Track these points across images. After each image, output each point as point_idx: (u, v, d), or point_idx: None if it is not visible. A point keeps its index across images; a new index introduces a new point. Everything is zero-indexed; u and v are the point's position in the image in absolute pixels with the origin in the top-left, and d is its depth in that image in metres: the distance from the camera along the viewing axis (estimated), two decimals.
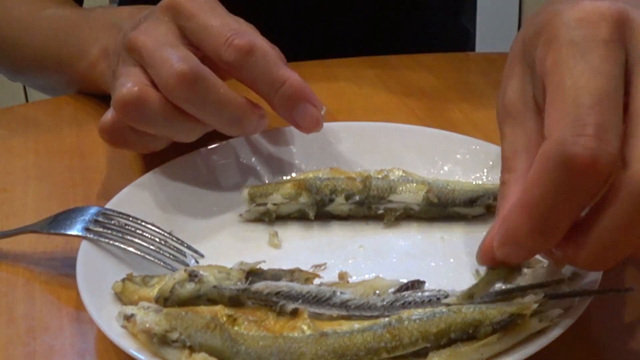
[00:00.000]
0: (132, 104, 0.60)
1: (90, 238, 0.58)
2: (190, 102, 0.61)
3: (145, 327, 0.49)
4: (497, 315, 0.47)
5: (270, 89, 0.63)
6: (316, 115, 0.64)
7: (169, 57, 0.60)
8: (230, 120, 0.62)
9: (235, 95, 0.62)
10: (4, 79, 0.96)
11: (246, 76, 0.63)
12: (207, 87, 0.60)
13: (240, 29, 0.63)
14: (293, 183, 0.63)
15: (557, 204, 0.42)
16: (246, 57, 0.61)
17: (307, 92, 0.64)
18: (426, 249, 0.61)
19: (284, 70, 0.63)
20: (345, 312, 0.50)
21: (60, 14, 0.84)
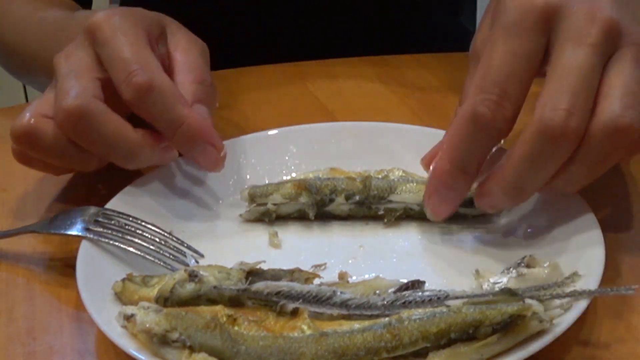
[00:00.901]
0: (24, 136, 0.61)
1: (90, 238, 0.58)
2: (79, 137, 0.61)
3: (145, 327, 0.49)
4: (497, 315, 0.47)
5: (168, 129, 0.62)
6: (214, 157, 0.63)
7: (66, 89, 0.61)
8: (123, 156, 0.62)
9: (128, 131, 0.61)
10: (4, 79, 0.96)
11: (145, 114, 0.62)
12: (95, 123, 0.60)
13: (145, 63, 0.62)
14: (293, 183, 0.63)
15: (470, 146, 0.55)
16: (144, 96, 0.61)
17: (206, 133, 0.62)
18: (426, 249, 0.61)
19: (182, 110, 0.62)
20: (345, 312, 0.50)
21: (48, 18, 0.84)
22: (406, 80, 0.87)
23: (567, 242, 0.57)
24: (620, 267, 0.58)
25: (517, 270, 0.53)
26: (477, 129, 0.54)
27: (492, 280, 0.53)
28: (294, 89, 0.86)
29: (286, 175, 0.68)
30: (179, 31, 0.70)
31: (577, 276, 0.52)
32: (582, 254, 0.55)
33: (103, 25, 0.63)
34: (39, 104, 0.63)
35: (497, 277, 0.53)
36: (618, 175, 0.68)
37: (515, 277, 0.53)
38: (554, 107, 0.52)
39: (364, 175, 0.64)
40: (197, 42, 0.70)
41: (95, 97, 0.61)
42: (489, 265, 0.57)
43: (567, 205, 0.59)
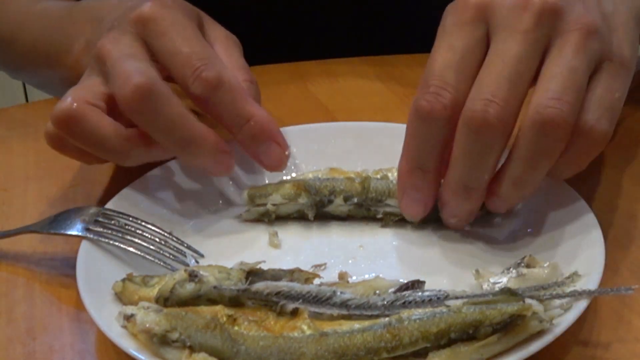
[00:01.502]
0: (66, 120, 0.60)
1: (90, 238, 0.58)
2: (143, 116, 0.59)
3: (145, 327, 0.49)
4: (497, 315, 0.47)
5: (234, 124, 0.62)
6: (280, 156, 0.63)
7: (128, 69, 0.59)
8: (181, 141, 0.60)
9: (192, 118, 0.60)
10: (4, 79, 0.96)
11: (212, 109, 0.61)
12: (162, 102, 0.59)
13: (209, 58, 0.61)
14: (292, 184, 0.63)
15: (420, 143, 0.56)
16: (213, 90, 0.60)
17: (273, 131, 0.63)
18: (426, 249, 0.61)
19: (251, 106, 0.62)
20: (345, 312, 0.50)
21: (49, 9, 0.83)
22: (406, 80, 0.87)
23: (567, 242, 0.57)
24: (620, 267, 0.58)
25: (517, 270, 0.53)
26: (421, 123, 0.55)
27: (492, 280, 0.53)
28: (294, 89, 0.86)
29: (286, 175, 0.68)
30: (214, 24, 0.69)
31: (577, 276, 0.52)
32: (582, 254, 0.55)
33: (157, 17, 0.62)
34: (80, 90, 0.62)
35: (497, 277, 0.53)
36: (618, 175, 0.68)
37: (515, 277, 0.53)
38: (475, 97, 0.53)
39: (363, 176, 0.64)
40: (233, 38, 0.69)
41: (160, 78, 0.60)
42: (489, 265, 0.57)
43: (567, 205, 0.59)
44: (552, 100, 0.52)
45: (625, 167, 0.70)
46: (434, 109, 0.54)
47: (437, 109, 0.54)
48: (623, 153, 0.72)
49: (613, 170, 0.69)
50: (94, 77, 0.63)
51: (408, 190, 0.59)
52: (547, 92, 0.53)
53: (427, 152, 0.56)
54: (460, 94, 0.54)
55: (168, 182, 0.65)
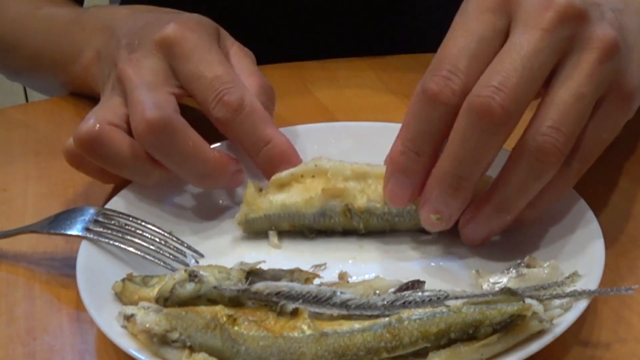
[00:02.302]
0: (89, 142, 0.60)
1: (90, 238, 0.58)
2: (157, 150, 0.60)
3: (145, 327, 0.49)
4: (497, 315, 0.47)
5: (253, 147, 0.62)
6: None
7: (144, 100, 0.60)
8: (198, 174, 0.61)
9: (206, 149, 0.61)
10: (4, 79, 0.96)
11: (232, 132, 0.62)
12: (176, 137, 0.59)
13: (232, 82, 0.62)
14: (289, 223, 0.62)
15: (421, 126, 0.54)
16: (234, 114, 0.61)
17: (290, 154, 0.63)
18: (426, 248, 0.61)
19: (270, 130, 0.62)
20: (345, 312, 0.50)
21: (54, 14, 0.83)
22: (406, 80, 0.87)
23: (567, 242, 0.57)
24: (620, 267, 0.58)
25: (517, 270, 0.53)
26: (425, 106, 0.53)
27: (492, 280, 0.53)
28: (294, 89, 0.86)
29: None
30: (227, 36, 0.70)
31: (577, 276, 0.52)
32: (582, 254, 0.55)
33: (180, 40, 0.63)
34: (103, 110, 0.62)
35: (497, 277, 0.53)
36: (618, 175, 0.68)
37: (515, 277, 0.53)
38: (483, 84, 0.52)
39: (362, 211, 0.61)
40: (246, 49, 0.70)
41: (175, 111, 0.61)
42: (489, 265, 0.57)
43: (567, 205, 0.59)
44: (550, 128, 0.52)
45: (625, 167, 0.70)
46: (441, 92, 0.53)
47: (445, 93, 0.53)
48: (623, 153, 0.72)
49: (613, 170, 0.69)
50: (115, 98, 0.63)
51: (397, 174, 0.56)
52: (546, 120, 0.52)
53: (426, 136, 0.54)
54: (471, 82, 0.53)
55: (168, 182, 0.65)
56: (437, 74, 0.53)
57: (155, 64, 0.63)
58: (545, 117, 0.52)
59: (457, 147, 0.53)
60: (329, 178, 0.62)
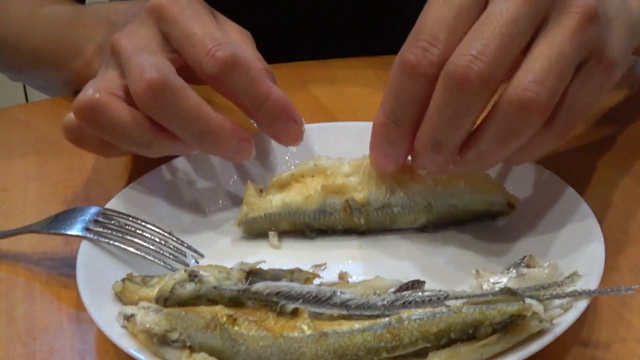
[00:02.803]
0: (89, 110, 0.60)
1: (90, 238, 0.58)
2: (157, 111, 0.59)
3: (145, 327, 0.49)
4: (497, 315, 0.47)
5: (253, 104, 0.61)
6: (297, 132, 0.63)
7: (142, 63, 0.59)
8: (199, 134, 0.60)
9: (208, 110, 0.60)
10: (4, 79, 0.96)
11: (228, 90, 0.61)
12: (176, 96, 0.59)
13: (223, 39, 0.61)
14: (288, 222, 0.62)
15: (400, 97, 0.55)
16: (228, 70, 0.60)
17: (290, 108, 0.62)
18: (426, 249, 0.61)
19: (267, 85, 0.61)
20: (345, 312, 0.50)
21: (56, 11, 0.84)
22: None
23: (567, 242, 0.57)
24: (620, 267, 0.58)
25: (517, 270, 0.53)
26: (404, 77, 0.54)
27: (492, 280, 0.53)
28: (294, 89, 0.86)
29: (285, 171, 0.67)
30: (226, 21, 0.69)
31: (577, 276, 0.52)
32: (582, 254, 0.55)
33: (170, 5, 0.62)
34: (101, 82, 0.62)
35: (497, 277, 0.53)
36: (618, 175, 0.68)
37: (515, 277, 0.53)
38: (460, 52, 0.52)
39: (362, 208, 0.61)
40: (246, 32, 0.69)
41: (174, 72, 0.60)
42: (489, 265, 0.57)
43: (567, 205, 0.59)
44: (532, 83, 0.51)
45: (625, 167, 0.70)
46: (419, 64, 0.53)
47: (423, 64, 0.53)
48: (623, 153, 0.72)
49: (613, 170, 0.69)
50: (110, 71, 0.63)
51: (380, 143, 0.57)
52: (529, 73, 0.51)
53: (405, 107, 0.54)
54: (450, 53, 0.52)
55: (168, 182, 0.65)
56: (415, 44, 0.53)
57: (147, 31, 0.63)
58: (527, 72, 0.52)
59: (436, 115, 0.53)
60: (328, 175, 0.62)
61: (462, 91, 0.51)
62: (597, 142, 0.73)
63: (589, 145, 0.73)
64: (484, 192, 0.61)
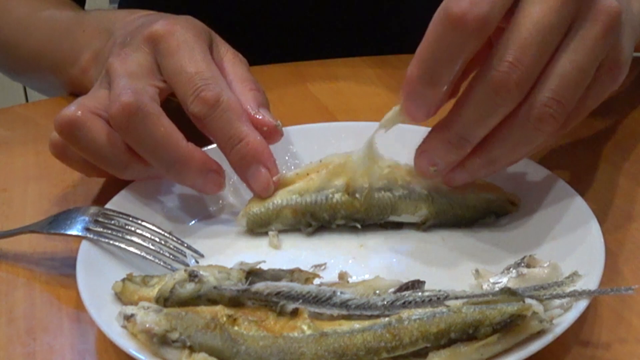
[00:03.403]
0: (68, 127, 0.61)
1: (90, 238, 0.58)
2: (129, 134, 0.60)
3: (145, 327, 0.49)
4: (497, 315, 0.47)
5: (226, 144, 0.62)
6: (266, 180, 0.62)
7: (123, 86, 0.61)
8: (166, 162, 0.61)
9: (178, 138, 0.60)
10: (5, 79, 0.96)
11: (207, 128, 0.62)
12: (147, 122, 0.60)
13: (212, 78, 0.62)
14: (291, 210, 0.62)
15: (439, 52, 0.52)
16: (210, 110, 0.61)
17: (262, 155, 0.62)
18: (426, 248, 0.61)
19: (244, 128, 0.61)
20: (345, 312, 0.50)
21: (56, 16, 0.84)
22: None
23: (567, 242, 0.57)
24: (620, 267, 0.58)
25: (517, 270, 0.53)
26: (448, 30, 0.52)
27: (492, 280, 0.53)
28: (294, 89, 0.86)
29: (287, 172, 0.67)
30: (221, 42, 0.70)
31: (577, 276, 0.52)
32: (582, 254, 0.55)
33: (167, 36, 0.64)
34: (87, 99, 0.63)
35: (497, 277, 0.53)
36: (618, 175, 0.68)
37: (515, 277, 0.53)
38: (501, 57, 0.52)
39: (364, 193, 0.61)
40: (240, 55, 0.70)
41: (152, 99, 0.61)
42: (489, 265, 0.57)
43: (567, 205, 0.59)
44: (552, 100, 0.53)
45: (625, 167, 0.70)
46: (466, 16, 0.51)
47: (470, 19, 0.51)
48: (623, 153, 0.72)
49: (613, 170, 0.69)
50: (102, 90, 0.64)
51: (414, 97, 0.55)
52: (549, 91, 0.53)
53: (445, 62, 0.53)
54: (496, 13, 0.52)
55: (168, 182, 0.65)
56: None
57: (141, 58, 0.64)
58: (546, 88, 0.53)
59: (468, 113, 0.54)
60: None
61: (498, 96, 0.53)
62: (598, 142, 0.73)
63: (589, 145, 0.73)
64: (485, 190, 0.62)
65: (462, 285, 0.54)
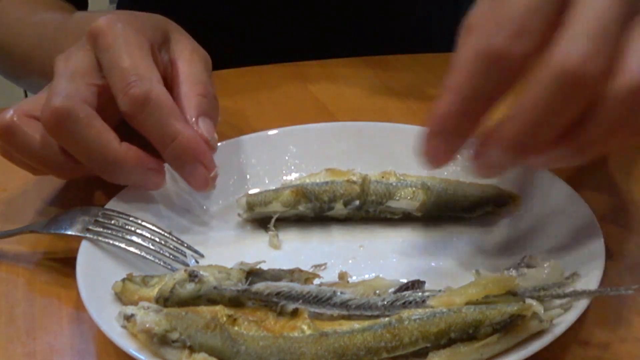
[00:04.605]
0: (4, 132, 0.61)
1: (90, 238, 0.58)
2: (60, 138, 0.60)
3: (145, 327, 0.49)
4: (497, 315, 0.47)
5: (160, 143, 0.60)
6: (204, 177, 0.61)
7: (58, 90, 0.60)
8: (99, 163, 0.60)
9: (110, 140, 0.60)
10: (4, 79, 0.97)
11: (139, 127, 0.60)
12: (78, 126, 0.59)
13: (144, 74, 0.60)
14: (291, 190, 0.63)
15: (478, 86, 0.49)
16: (139, 107, 0.59)
17: (198, 151, 0.60)
18: (426, 249, 0.61)
19: (178, 125, 0.60)
20: (345, 312, 0.50)
21: (46, 20, 0.84)
22: (406, 81, 0.87)
23: (567, 242, 0.57)
24: (620, 267, 0.58)
25: (517, 270, 0.53)
26: (489, 64, 0.48)
27: None
28: (294, 89, 0.86)
29: (286, 175, 0.68)
30: (182, 39, 0.68)
31: (577, 276, 0.52)
32: (582, 254, 0.55)
33: (106, 31, 0.62)
34: (26, 103, 0.63)
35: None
36: (618, 175, 0.68)
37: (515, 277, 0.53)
38: (570, 50, 0.46)
39: (362, 178, 0.63)
40: (200, 53, 0.68)
41: (84, 101, 0.60)
42: (489, 265, 0.57)
43: (567, 205, 0.59)
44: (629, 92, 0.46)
45: (625, 167, 0.70)
46: (511, 52, 0.47)
47: (515, 53, 0.47)
48: (623, 153, 0.72)
49: (613, 170, 0.69)
50: (45, 92, 0.63)
51: (442, 134, 0.51)
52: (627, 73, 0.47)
53: (483, 98, 0.49)
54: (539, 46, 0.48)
55: (168, 182, 0.65)
56: (503, 30, 0.48)
57: (83, 56, 0.63)
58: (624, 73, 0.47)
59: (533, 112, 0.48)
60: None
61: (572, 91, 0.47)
62: None
63: None
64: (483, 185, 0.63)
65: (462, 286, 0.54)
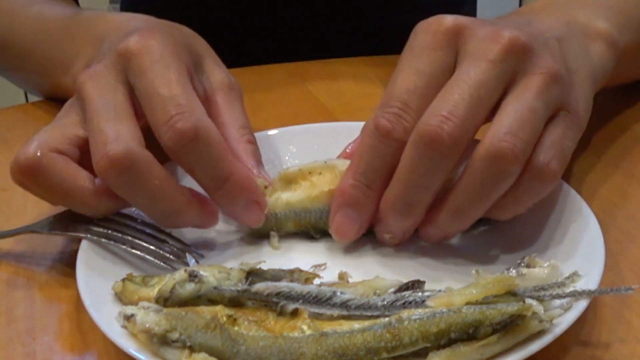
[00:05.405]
0: (29, 171, 0.56)
1: (90, 238, 0.58)
2: (120, 189, 0.55)
3: (145, 327, 0.49)
4: (497, 315, 0.47)
5: (211, 183, 0.57)
6: (258, 214, 0.59)
7: (107, 131, 0.54)
8: (163, 214, 0.57)
9: (173, 188, 0.56)
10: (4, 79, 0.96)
11: (185, 164, 0.57)
12: (140, 176, 0.54)
13: (188, 105, 0.55)
14: (293, 222, 0.62)
15: (372, 160, 0.56)
16: (187, 144, 0.54)
17: (252, 189, 0.58)
18: (426, 249, 0.61)
19: (229, 164, 0.56)
20: (345, 312, 0.50)
21: (45, 13, 0.81)
22: None
23: (567, 242, 0.57)
24: (620, 267, 0.58)
25: (517, 270, 0.53)
26: (377, 141, 0.55)
27: None
28: (294, 89, 0.86)
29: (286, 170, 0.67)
30: (216, 69, 0.65)
31: (577, 276, 0.52)
32: (582, 254, 0.55)
33: (141, 53, 0.57)
34: (49, 134, 0.58)
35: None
36: (618, 175, 0.68)
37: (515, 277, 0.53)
38: (431, 113, 0.53)
39: None
40: (236, 88, 0.65)
41: (141, 144, 0.55)
42: (489, 265, 0.57)
43: (567, 206, 0.59)
44: (507, 134, 0.52)
45: (625, 167, 0.70)
46: (394, 130, 0.54)
47: (398, 131, 0.54)
48: (623, 153, 0.72)
49: (613, 170, 0.69)
50: (72, 116, 0.59)
51: (347, 207, 0.57)
52: (503, 127, 0.53)
53: (377, 170, 0.56)
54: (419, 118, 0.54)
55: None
56: (389, 110, 0.55)
57: (114, 80, 0.58)
58: (501, 126, 0.53)
59: (407, 175, 0.54)
60: (336, 175, 0.61)
61: (432, 151, 0.53)
62: (597, 142, 0.73)
63: (589, 145, 0.73)
64: None
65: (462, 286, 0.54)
